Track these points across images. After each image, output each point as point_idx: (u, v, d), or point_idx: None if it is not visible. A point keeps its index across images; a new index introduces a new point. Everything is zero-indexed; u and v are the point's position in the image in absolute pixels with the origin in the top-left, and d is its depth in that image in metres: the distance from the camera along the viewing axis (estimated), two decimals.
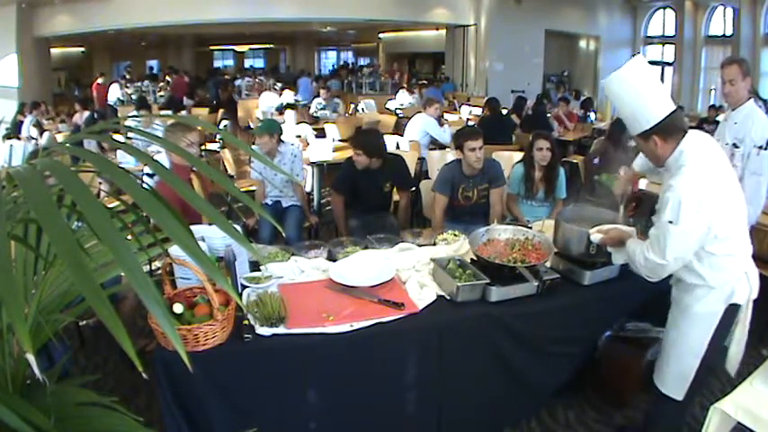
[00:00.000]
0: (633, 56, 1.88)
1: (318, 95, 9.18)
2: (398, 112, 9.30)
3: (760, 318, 3.26)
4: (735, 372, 1.98)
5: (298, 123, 6.53)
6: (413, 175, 4.36)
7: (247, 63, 21.92)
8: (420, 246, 2.64)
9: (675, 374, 1.97)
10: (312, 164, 4.98)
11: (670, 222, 1.72)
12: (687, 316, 1.90)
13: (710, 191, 1.73)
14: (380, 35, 19.13)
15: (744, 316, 1.89)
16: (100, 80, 12.07)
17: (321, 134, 6.51)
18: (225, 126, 6.95)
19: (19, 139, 6.14)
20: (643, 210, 2.25)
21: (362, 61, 21.42)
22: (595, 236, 2.10)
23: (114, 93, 11.28)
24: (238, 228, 1.02)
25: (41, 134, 5.93)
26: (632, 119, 1.83)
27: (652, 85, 1.79)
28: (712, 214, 1.73)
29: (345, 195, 3.51)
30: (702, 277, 1.83)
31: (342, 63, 21.41)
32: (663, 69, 13.62)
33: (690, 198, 1.70)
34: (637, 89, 1.78)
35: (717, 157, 1.83)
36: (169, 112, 7.67)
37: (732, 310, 1.87)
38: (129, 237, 1.19)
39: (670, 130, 1.79)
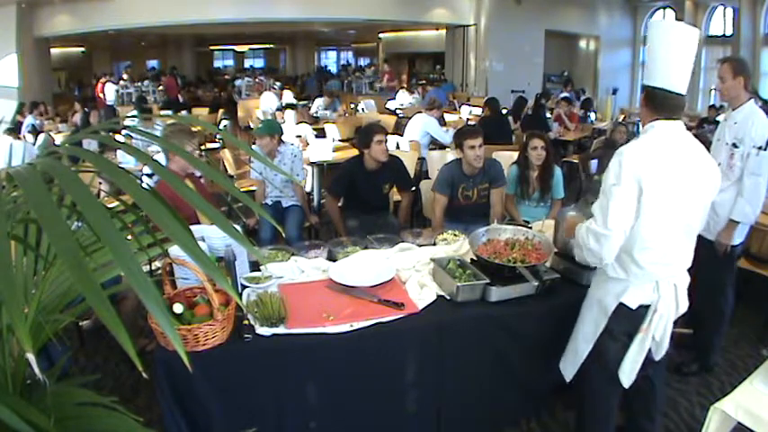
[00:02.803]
0: (633, 56, 1.87)
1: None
2: (398, 112, 9.30)
3: (760, 318, 3.29)
4: (628, 383, 1.88)
5: (298, 123, 6.54)
6: (413, 175, 4.36)
7: (247, 63, 21.94)
8: (420, 246, 2.64)
9: (569, 353, 2.05)
10: (312, 164, 4.99)
11: (614, 185, 1.70)
12: (587, 299, 1.98)
13: (654, 172, 1.68)
14: (380, 35, 19.11)
15: (647, 327, 1.82)
16: (102, 80, 12.10)
17: (321, 134, 6.52)
18: (225, 126, 6.94)
19: (19, 137, 6.12)
20: None
21: (362, 61, 21.43)
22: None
23: (110, 93, 11.28)
24: (238, 228, 1.02)
25: (36, 139, 5.91)
26: (649, 66, 1.82)
27: (682, 57, 1.74)
28: (647, 194, 1.68)
29: (341, 197, 3.51)
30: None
31: (346, 63, 21.49)
32: None
33: (630, 160, 1.69)
34: (668, 47, 1.74)
35: (684, 161, 1.74)
36: (169, 113, 7.67)
37: (627, 312, 1.83)
38: (129, 237, 1.19)
39: (658, 103, 1.77)
